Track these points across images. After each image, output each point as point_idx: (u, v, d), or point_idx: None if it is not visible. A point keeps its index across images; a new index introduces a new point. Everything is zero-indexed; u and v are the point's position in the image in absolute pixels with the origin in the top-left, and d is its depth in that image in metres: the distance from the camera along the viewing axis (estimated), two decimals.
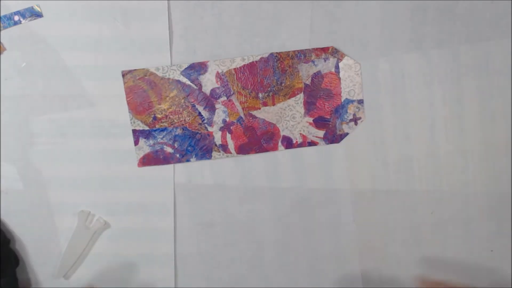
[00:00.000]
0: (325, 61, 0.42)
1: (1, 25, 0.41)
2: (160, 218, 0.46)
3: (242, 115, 0.44)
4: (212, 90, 0.43)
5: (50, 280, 0.46)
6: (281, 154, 0.45)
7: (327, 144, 0.45)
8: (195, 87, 0.43)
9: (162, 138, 0.44)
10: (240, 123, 0.44)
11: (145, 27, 0.42)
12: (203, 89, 0.43)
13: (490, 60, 0.45)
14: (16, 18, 0.41)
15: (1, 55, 0.42)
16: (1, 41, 0.42)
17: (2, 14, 0.41)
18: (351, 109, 0.44)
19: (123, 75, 0.43)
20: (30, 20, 0.41)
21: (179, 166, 0.45)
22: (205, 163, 0.45)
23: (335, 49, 0.39)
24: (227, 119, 0.44)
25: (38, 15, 0.41)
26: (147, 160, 0.45)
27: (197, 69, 0.43)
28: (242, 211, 0.47)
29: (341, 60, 0.41)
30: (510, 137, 0.46)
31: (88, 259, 0.46)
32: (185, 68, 0.43)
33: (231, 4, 0.42)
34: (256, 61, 0.43)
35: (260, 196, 0.46)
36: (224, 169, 0.46)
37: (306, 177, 0.46)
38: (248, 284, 0.48)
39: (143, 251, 0.46)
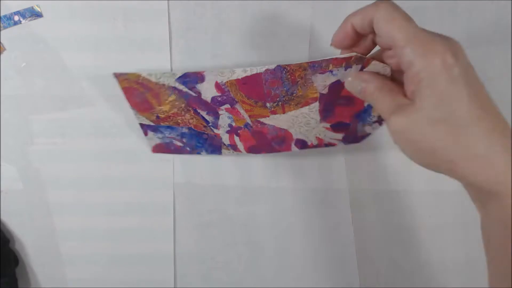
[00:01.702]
0: (345, 69, 0.34)
1: (1, 25, 0.41)
2: (159, 218, 0.46)
3: (249, 121, 0.40)
4: (213, 98, 0.38)
5: (50, 280, 0.46)
6: (280, 155, 0.45)
7: (346, 144, 0.43)
8: (194, 94, 0.38)
9: (169, 134, 0.42)
10: (247, 128, 0.41)
11: (145, 27, 0.42)
12: (203, 96, 0.38)
13: (490, 65, 0.44)
14: (16, 18, 0.41)
15: (1, 55, 0.42)
16: (1, 41, 0.41)
17: (2, 14, 0.41)
18: (375, 112, 0.39)
19: (115, 77, 0.38)
20: (30, 20, 0.41)
21: (179, 166, 0.45)
22: (204, 163, 0.45)
23: (360, 56, 0.33)
24: (233, 124, 0.41)
25: (38, 15, 0.41)
26: (160, 148, 0.43)
27: (192, 78, 0.37)
28: (241, 211, 0.46)
29: (365, 66, 0.33)
30: None
31: (87, 259, 0.46)
32: (179, 77, 0.37)
33: (231, 4, 0.42)
34: (261, 73, 0.36)
35: (259, 197, 0.46)
36: (223, 170, 0.46)
37: (305, 178, 0.46)
38: (247, 285, 0.48)
39: (143, 251, 0.46)
